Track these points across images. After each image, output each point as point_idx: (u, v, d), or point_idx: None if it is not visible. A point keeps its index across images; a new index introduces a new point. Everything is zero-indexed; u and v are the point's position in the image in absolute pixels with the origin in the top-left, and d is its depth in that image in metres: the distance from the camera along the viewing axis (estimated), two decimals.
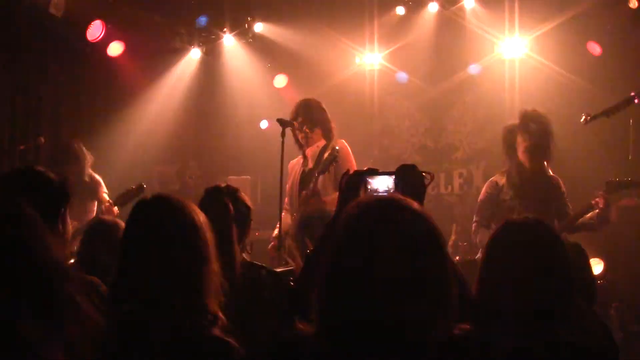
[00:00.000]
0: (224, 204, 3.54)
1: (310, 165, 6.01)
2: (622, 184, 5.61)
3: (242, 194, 3.78)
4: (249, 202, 3.78)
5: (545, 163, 5.67)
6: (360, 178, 2.34)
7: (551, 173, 5.72)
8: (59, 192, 2.78)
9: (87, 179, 6.66)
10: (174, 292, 2.34)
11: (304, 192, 5.80)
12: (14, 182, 2.78)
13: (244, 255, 3.69)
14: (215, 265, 2.44)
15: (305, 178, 6.00)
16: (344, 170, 2.55)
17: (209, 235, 2.46)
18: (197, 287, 2.37)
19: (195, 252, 2.40)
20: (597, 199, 5.43)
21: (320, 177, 5.77)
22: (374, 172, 2.30)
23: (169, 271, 2.36)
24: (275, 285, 3.52)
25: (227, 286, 2.52)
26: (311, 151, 6.06)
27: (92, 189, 6.68)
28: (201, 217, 2.49)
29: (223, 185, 3.78)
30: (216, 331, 2.38)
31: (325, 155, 5.92)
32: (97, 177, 6.78)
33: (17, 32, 7.54)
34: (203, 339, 2.34)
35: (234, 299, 2.60)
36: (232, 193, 3.69)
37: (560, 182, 5.71)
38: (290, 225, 5.65)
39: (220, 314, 2.42)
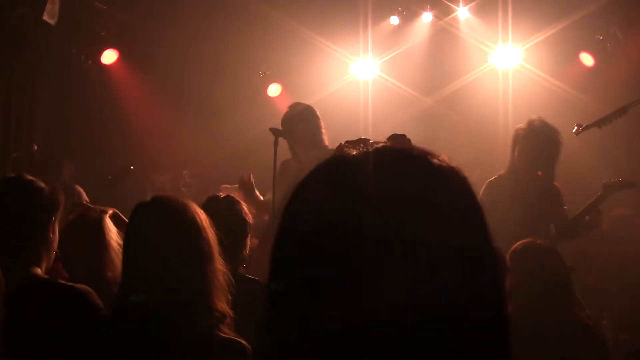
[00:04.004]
0: (217, 216, 3.51)
1: (305, 174, 6.00)
2: (619, 185, 5.68)
3: (242, 206, 3.71)
4: (247, 216, 3.71)
5: (550, 171, 5.65)
6: None
7: (554, 182, 5.71)
8: (50, 200, 2.78)
9: (68, 186, 6.50)
10: (179, 292, 2.34)
11: None
12: (5, 189, 2.77)
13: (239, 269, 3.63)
14: (219, 264, 2.44)
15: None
16: None
17: (211, 234, 2.46)
18: (203, 286, 2.38)
19: (197, 252, 2.40)
20: (588, 205, 5.58)
21: None
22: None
23: (172, 272, 2.36)
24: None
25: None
26: (304, 159, 6.06)
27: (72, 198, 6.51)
28: (202, 216, 2.49)
29: (223, 195, 3.73)
30: (228, 332, 2.39)
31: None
32: (78, 188, 6.64)
33: (10, 39, 7.53)
34: (216, 339, 2.34)
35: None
36: (229, 204, 3.65)
37: (561, 192, 5.72)
38: None
39: (229, 311, 2.42)
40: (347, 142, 2.28)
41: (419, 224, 0.97)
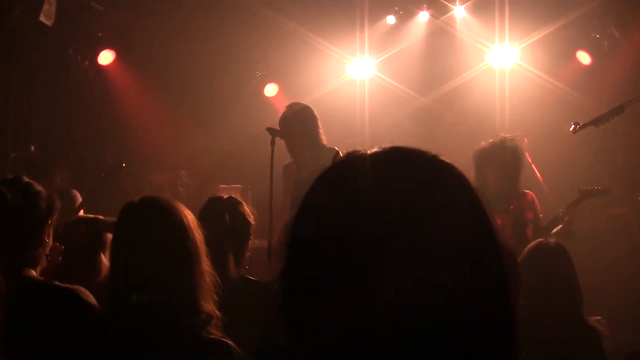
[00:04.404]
0: (219, 216, 3.50)
1: (304, 174, 6.01)
2: (594, 192, 5.75)
3: (244, 207, 3.71)
4: (249, 217, 3.71)
5: (517, 182, 5.66)
6: None
7: (524, 191, 5.71)
8: (47, 203, 2.78)
9: (64, 191, 6.48)
10: (165, 292, 2.35)
11: None
12: (4, 191, 2.77)
13: (240, 270, 3.62)
14: (206, 265, 2.44)
15: (299, 186, 6.00)
16: None
17: (197, 235, 2.46)
18: (189, 287, 2.38)
19: (184, 252, 2.41)
20: (563, 211, 5.60)
21: None
22: None
23: (159, 272, 2.37)
24: (266, 299, 3.47)
25: (219, 301, 2.52)
26: (302, 159, 6.07)
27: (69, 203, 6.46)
28: (190, 217, 2.50)
29: (225, 196, 3.72)
30: (215, 332, 2.39)
31: (321, 163, 5.94)
32: (75, 193, 6.61)
33: (7, 40, 7.52)
34: (202, 340, 2.35)
35: (228, 315, 2.59)
36: (232, 205, 3.64)
37: (535, 200, 5.72)
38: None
39: (216, 312, 2.42)
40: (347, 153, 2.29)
41: (418, 223, 0.96)
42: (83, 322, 2.56)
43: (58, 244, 2.93)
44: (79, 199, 6.50)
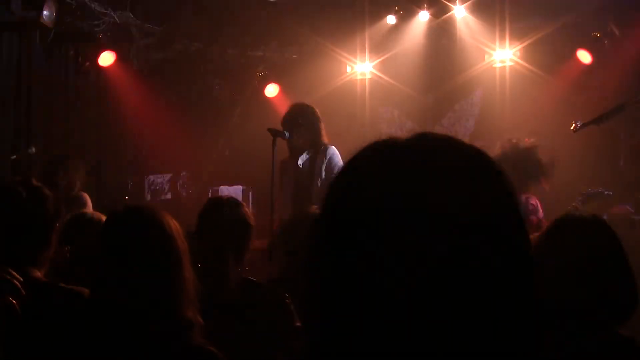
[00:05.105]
0: (219, 217, 3.48)
1: (304, 173, 6.03)
2: (596, 194, 5.72)
3: (244, 209, 3.68)
4: (249, 219, 3.68)
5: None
6: None
7: (530, 198, 5.65)
8: (55, 206, 2.80)
9: (74, 194, 6.52)
10: (145, 298, 2.36)
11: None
12: (13, 192, 2.78)
13: (240, 272, 3.60)
14: (188, 273, 2.45)
15: (298, 183, 6.02)
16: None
17: (180, 243, 2.47)
18: (169, 293, 2.39)
19: (164, 259, 2.42)
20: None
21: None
22: None
23: (140, 279, 2.38)
24: (271, 301, 3.45)
25: (219, 303, 2.52)
26: (302, 157, 6.09)
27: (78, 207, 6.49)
28: (173, 225, 2.51)
29: (225, 197, 3.70)
30: (198, 339, 2.40)
31: (318, 162, 5.96)
32: (85, 196, 6.63)
33: (7, 41, 7.53)
34: (183, 347, 2.35)
35: (229, 317, 2.59)
36: (232, 207, 3.61)
37: (538, 205, 5.66)
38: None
39: (199, 320, 2.42)
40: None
41: (444, 208, 0.95)
42: (87, 324, 2.57)
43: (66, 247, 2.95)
44: (89, 202, 6.51)
